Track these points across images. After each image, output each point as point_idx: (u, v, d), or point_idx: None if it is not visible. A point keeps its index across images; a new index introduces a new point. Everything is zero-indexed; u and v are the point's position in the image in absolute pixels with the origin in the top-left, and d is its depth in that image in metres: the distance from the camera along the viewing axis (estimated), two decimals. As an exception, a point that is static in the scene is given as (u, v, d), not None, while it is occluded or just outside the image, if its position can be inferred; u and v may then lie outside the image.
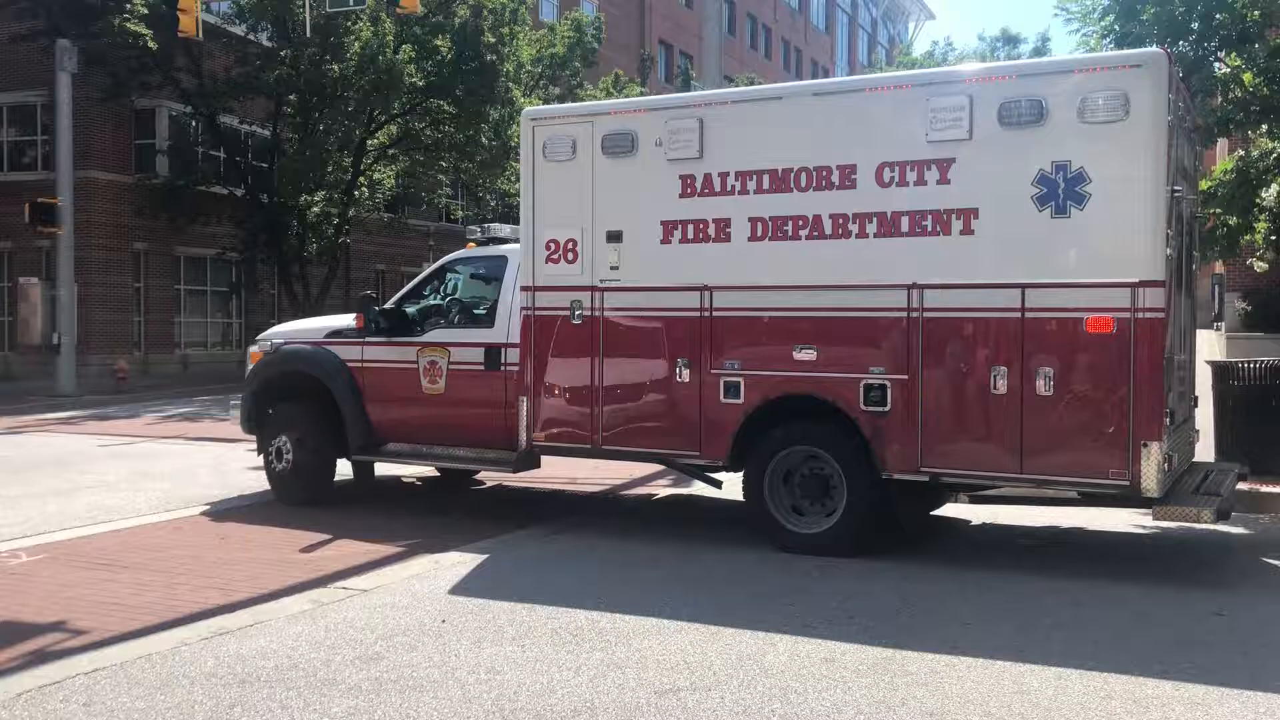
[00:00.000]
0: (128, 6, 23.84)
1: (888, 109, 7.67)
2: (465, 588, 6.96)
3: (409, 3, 17.91)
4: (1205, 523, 7.13)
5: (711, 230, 8.13)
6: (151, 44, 23.76)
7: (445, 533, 8.74)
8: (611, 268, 8.46)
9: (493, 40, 27.75)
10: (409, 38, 26.94)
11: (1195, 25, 11.17)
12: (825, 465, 7.88)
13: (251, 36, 27.13)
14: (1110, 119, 6.91)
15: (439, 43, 27.29)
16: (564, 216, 8.66)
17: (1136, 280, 6.84)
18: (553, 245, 8.68)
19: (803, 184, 7.81)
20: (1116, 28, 11.18)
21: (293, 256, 28.77)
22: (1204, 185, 12.62)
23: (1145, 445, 6.77)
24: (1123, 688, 5.07)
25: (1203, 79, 11.33)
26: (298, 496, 10.07)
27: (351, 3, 19.67)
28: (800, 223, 7.82)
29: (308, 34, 23.64)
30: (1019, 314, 7.11)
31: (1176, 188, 7.15)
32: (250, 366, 10.68)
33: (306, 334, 10.62)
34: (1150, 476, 6.78)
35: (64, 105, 23.21)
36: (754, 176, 7.98)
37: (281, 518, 9.57)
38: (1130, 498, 7.08)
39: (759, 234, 7.95)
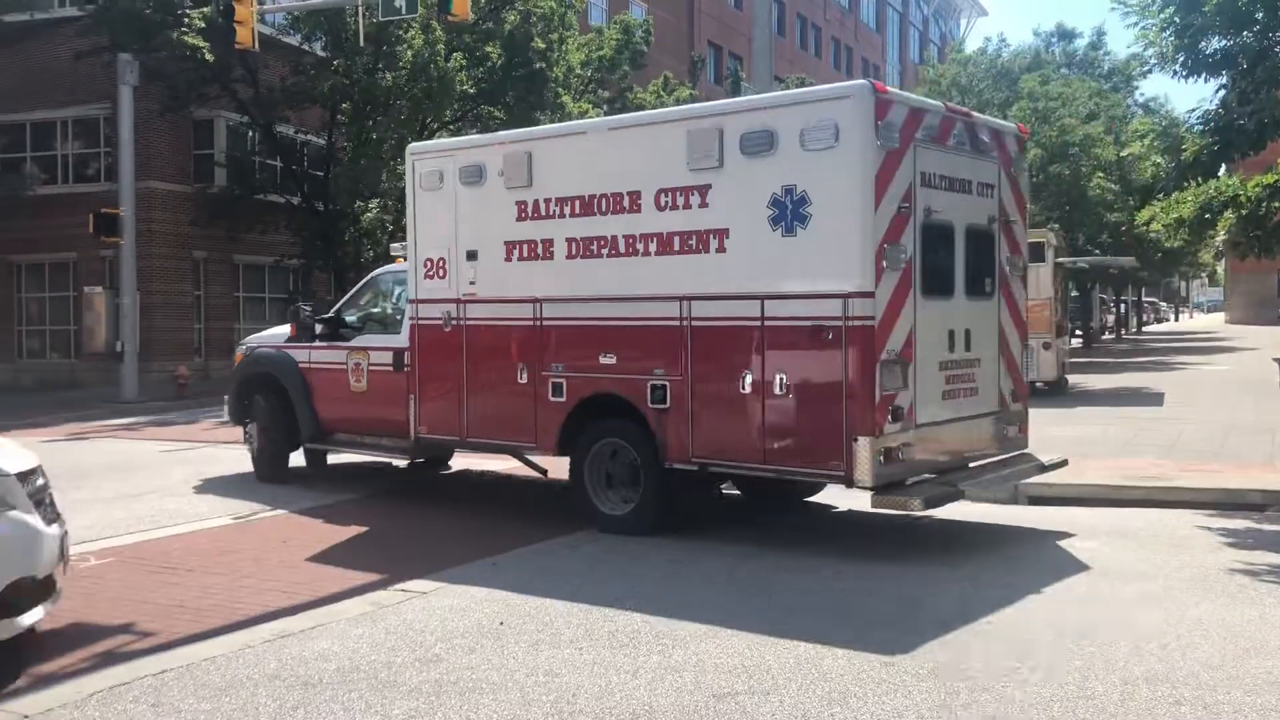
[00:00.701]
0: (186, 20, 24.29)
1: (661, 141, 8.60)
2: (522, 589, 6.99)
3: (460, 10, 18.05)
4: (915, 510, 7.72)
5: (540, 249, 9.26)
6: (209, 56, 24.18)
7: (502, 535, 8.79)
8: (470, 283, 9.69)
9: (542, 46, 27.89)
10: (459, 45, 27.16)
11: (1260, 15, 10.90)
12: (630, 455, 8.79)
13: (305, 46, 27.51)
14: (824, 147, 7.69)
15: (489, 49, 27.48)
16: (437, 238, 9.98)
17: (847, 291, 7.58)
18: (429, 263, 9.99)
19: (603, 208, 8.86)
20: (1177, 20, 10.94)
21: (349, 263, 29.08)
22: (1270, 178, 12.37)
23: (857, 440, 7.49)
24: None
25: (1268, 69, 11.06)
26: (263, 475, 11.82)
27: (404, 11, 19.83)
28: (602, 243, 8.87)
29: (361, 43, 23.90)
30: (760, 323, 8.00)
31: (904, 204, 7.78)
32: (235, 366, 12.67)
33: (274, 339, 12.36)
34: (863, 468, 7.48)
35: (125, 118, 23.70)
36: (569, 202, 9.07)
37: (342, 521, 9.69)
38: (854, 486, 7.70)
39: (574, 253, 9.03)
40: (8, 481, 5.51)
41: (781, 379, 7.85)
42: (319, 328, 11.39)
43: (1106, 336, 46.99)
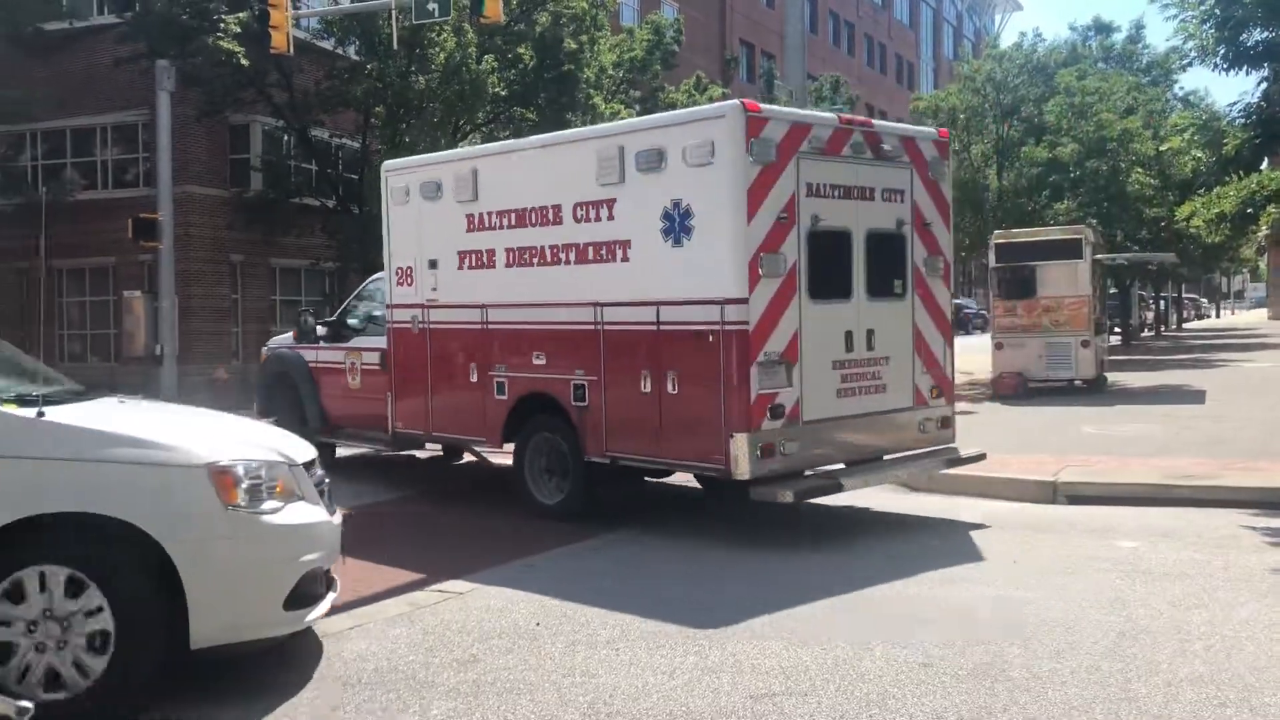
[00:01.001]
0: (222, 26, 24.53)
1: (577, 159, 9.29)
2: (558, 591, 7.00)
3: (493, 13, 18.11)
4: (786, 500, 8.14)
5: (485, 258, 10.09)
6: (245, 61, 24.39)
7: (539, 536, 8.81)
8: (432, 289, 10.59)
9: (573, 47, 27.92)
10: (491, 48, 27.25)
11: (1301, 6, 10.75)
12: (561, 450, 9.50)
13: (339, 51, 27.70)
14: (703, 163, 8.28)
15: (521, 51, 27.54)
16: (405, 248, 11.05)
17: (724, 298, 8.16)
18: (400, 271, 11.03)
19: (534, 220, 9.64)
20: (1217, 12, 10.79)
21: (384, 266, 29.29)
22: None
23: (734, 436, 8.06)
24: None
25: (1310, 61, 10.91)
26: None
27: (436, 14, 19.91)
28: (533, 252, 9.66)
29: (395, 46, 24.02)
30: (656, 327, 8.62)
31: (784, 214, 8.30)
32: (260, 365, 13.83)
33: (291, 340, 13.30)
34: (740, 463, 8.04)
35: (164, 124, 23.96)
36: (507, 215, 9.88)
37: (376, 522, 9.74)
38: (732, 478, 8.25)
39: (511, 261, 9.85)
40: (297, 471, 5.46)
41: (673, 379, 8.50)
42: (322, 330, 12.39)
43: (1146, 334, 46.41)
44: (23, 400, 5.11)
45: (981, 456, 9.93)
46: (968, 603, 6.55)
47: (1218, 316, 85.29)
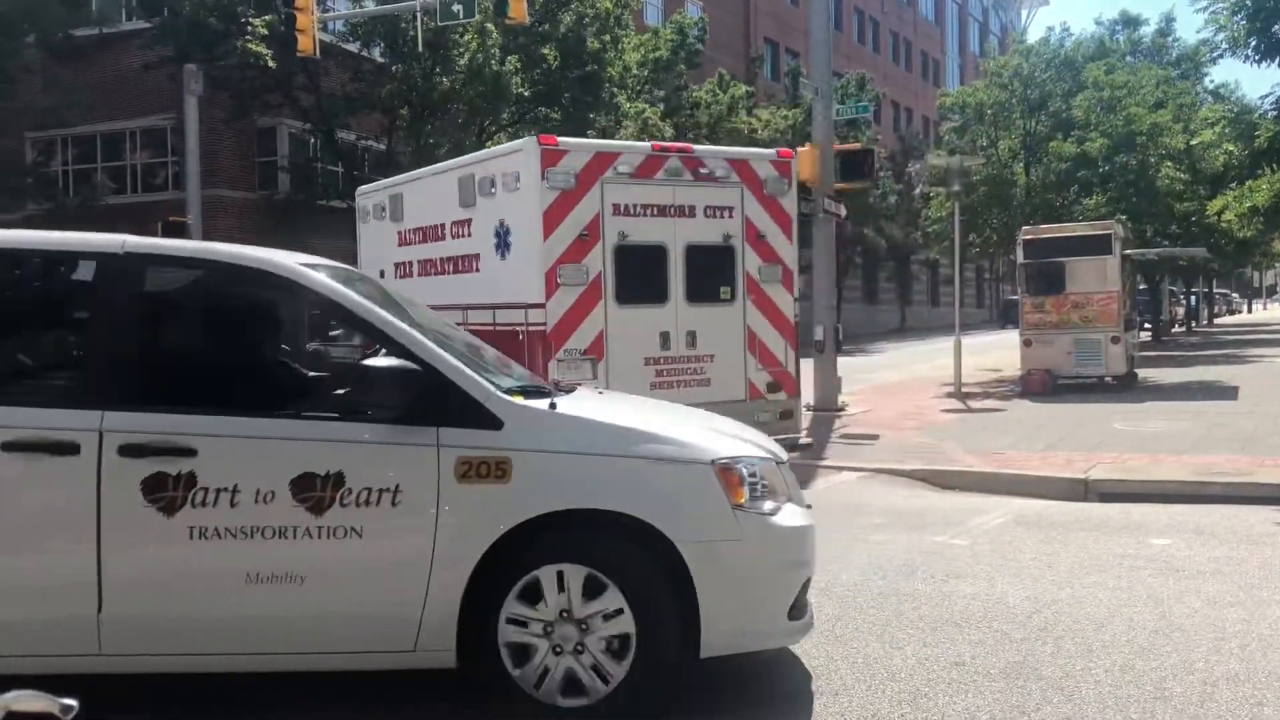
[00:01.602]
0: (249, 30, 24.72)
1: (450, 185, 11.02)
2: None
3: (517, 13, 18.14)
4: None
5: (408, 269, 12.03)
6: (271, 64, 24.58)
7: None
8: None
9: (597, 47, 27.95)
10: (515, 48, 27.32)
11: (1333, -3, 10.62)
12: None
13: (365, 53, 27.86)
14: (515, 190, 9.93)
15: (545, 51, 27.60)
16: (368, 260, 12.85)
17: (527, 303, 9.80)
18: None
19: (431, 237, 11.46)
20: (1249, 3, 10.70)
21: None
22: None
23: None
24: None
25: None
26: None
27: (461, 16, 19.98)
28: (431, 263, 11.55)
29: (419, 48, 24.13)
30: (493, 326, 9.98)
31: (585, 232, 9.85)
32: None
33: None
34: None
35: (191, 127, 24.19)
36: (418, 232, 11.80)
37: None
38: None
39: (422, 271, 11.80)
40: (784, 469, 5.09)
41: None
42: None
43: (1176, 329, 45.97)
44: (525, 391, 4.89)
45: (802, 445, 11.88)
46: (998, 601, 6.49)
47: (1250, 312, 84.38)
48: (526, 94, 27.65)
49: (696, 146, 11.21)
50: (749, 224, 10.74)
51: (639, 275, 10.16)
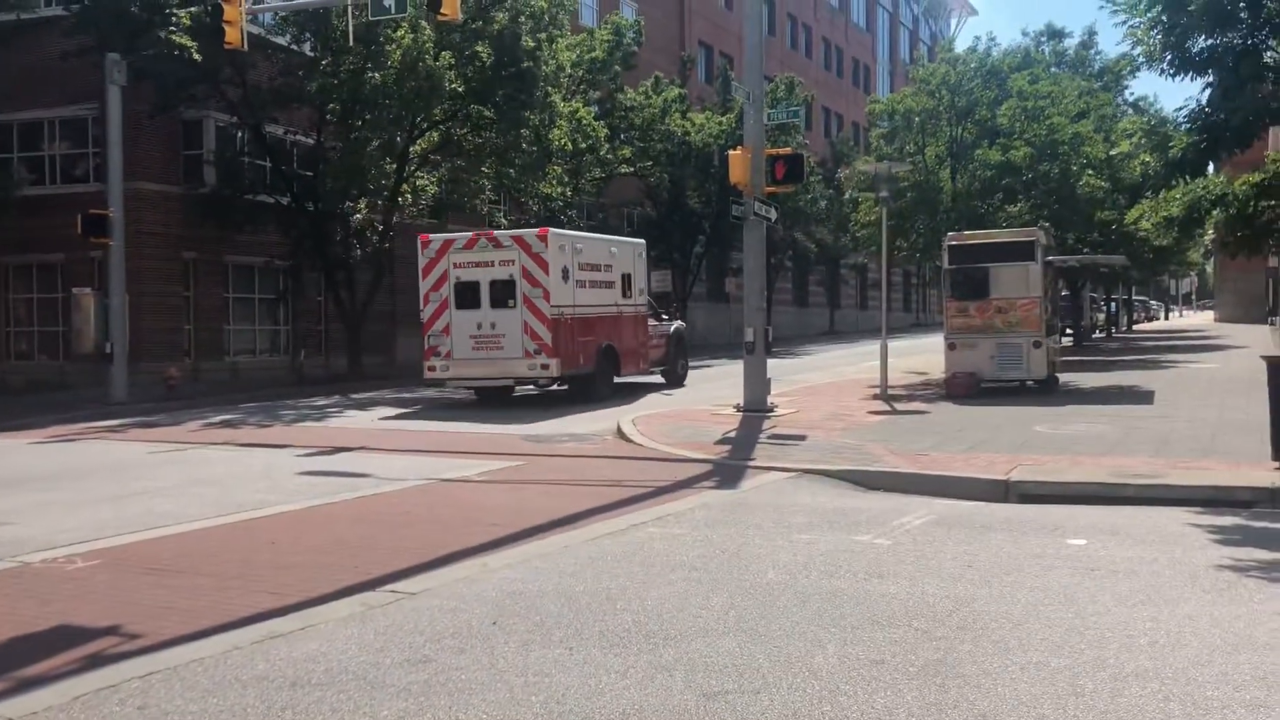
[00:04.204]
0: (174, 20, 24.20)
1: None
2: (513, 590, 6.98)
3: (449, 9, 17.97)
4: (434, 380, 21.30)
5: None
6: (197, 56, 24.08)
7: (491, 535, 8.78)
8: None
9: (531, 45, 27.85)
10: (448, 45, 27.12)
11: (1244, 14, 10.96)
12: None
13: (294, 46, 27.44)
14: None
15: (478, 48, 27.44)
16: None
17: (421, 309, 20.77)
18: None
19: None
20: (1164, 19, 10.99)
21: (338, 263, 29.05)
22: (1257, 177, 12.41)
23: (426, 362, 21.00)
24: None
25: (1252, 68, 11.10)
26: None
27: (393, 11, 19.77)
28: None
29: (350, 43, 23.83)
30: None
31: (441, 275, 20.18)
32: None
33: None
34: (425, 373, 21.16)
35: (114, 118, 23.62)
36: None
37: (329, 521, 9.67)
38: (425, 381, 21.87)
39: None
40: None
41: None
42: None
43: (1097, 335, 47.10)
44: None
45: (552, 380, 20.68)
46: (919, 600, 6.60)
47: (1167, 319, 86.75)
48: (460, 90, 27.44)
49: (496, 231, 22.31)
50: (523, 268, 19.91)
51: (467, 295, 20.24)
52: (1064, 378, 21.95)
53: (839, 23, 71.71)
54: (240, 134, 29.23)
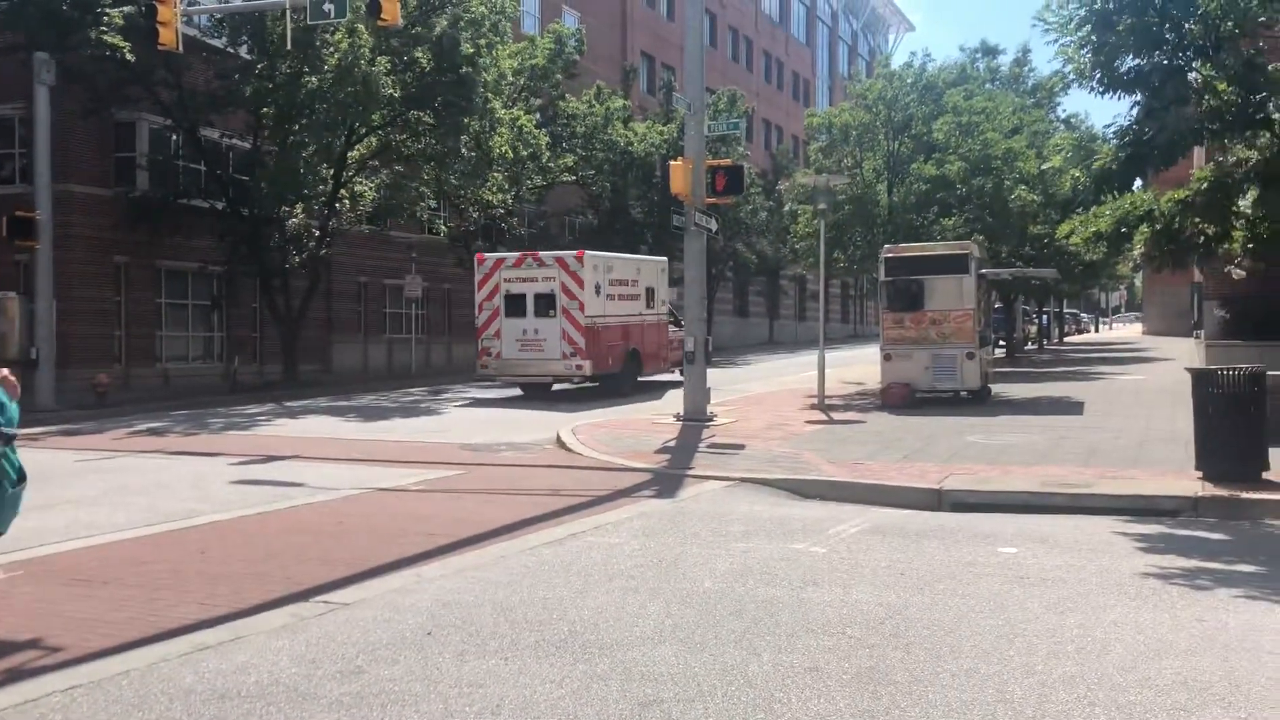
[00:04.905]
0: (106, 19, 23.71)
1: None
2: (448, 600, 6.93)
3: (390, 14, 17.85)
4: (487, 372, 25.14)
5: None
6: (130, 56, 23.62)
7: (426, 546, 8.70)
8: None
9: (470, 52, 27.74)
10: (387, 50, 26.92)
11: (1169, 36, 11.26)
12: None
13: (231, 49, 27.05)
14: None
15: (418, 54, 27.27)
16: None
17: (477, 317, 24.92)
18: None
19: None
20: (1093, 38, 11.25)
21: (274, 269, 28.64)
22: (1182, 193, 12.75)
23: (479, 359, 24.79)
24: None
25: (1177, 88, 11.41)
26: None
27: (332, 15, 19.58)
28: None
29: (288, 46, 23.55)
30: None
31: (494, 289, 24.15)
32: None
33: None
34: (479, 369, 25.37)
35: (42, 118, 23.07)
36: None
37: (264, 533, 9.52)
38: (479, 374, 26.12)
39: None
40: None
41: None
42: None
43: (1029, 347, 47.97)
44: None
45: (587, 379, 24.09)
46: (854, 608, 6.67)
47: (1097, 331, 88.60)
48: (397, 95, 27.23)
49: (541, 252, 24.98)
50: (562, 283, 23.46)
51: (515, 305, 23.78)
52: (996, 389, 22.34)
53: (779, 36, 72.39)
54: (175, 137, 28.72)
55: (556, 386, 25.15)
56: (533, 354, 23.60)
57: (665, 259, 29.32)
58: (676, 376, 26.73)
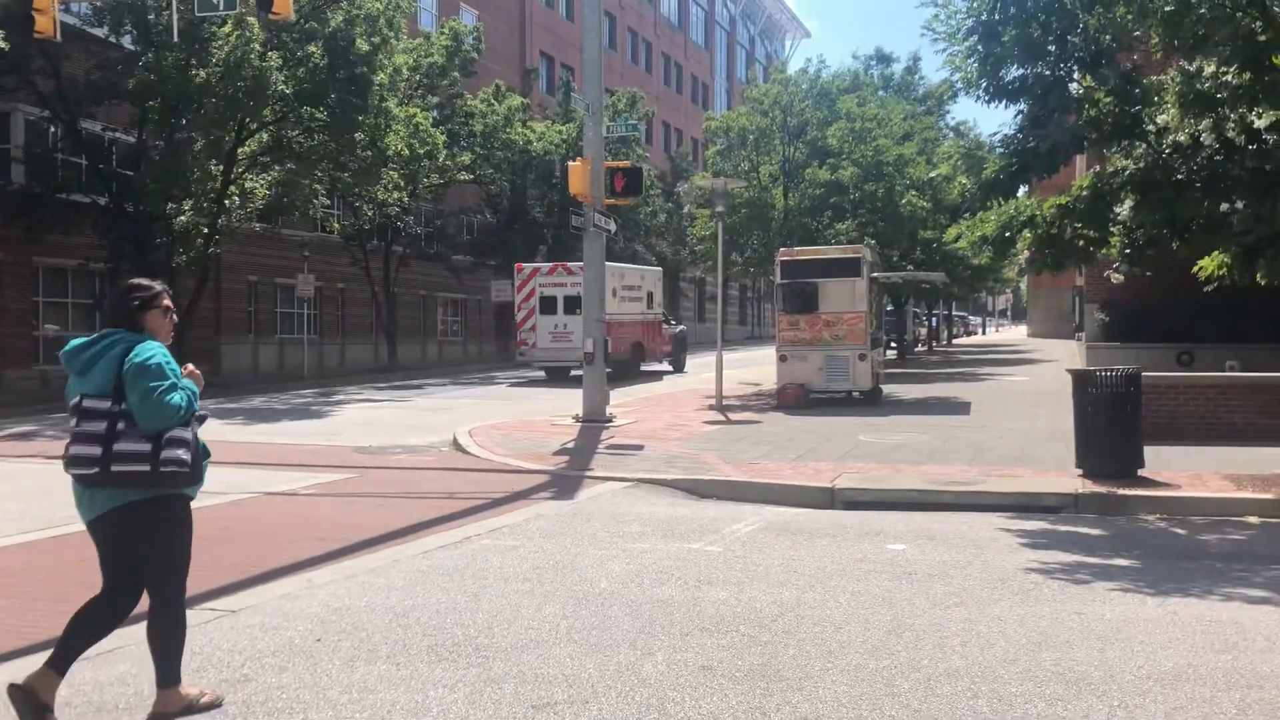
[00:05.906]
0: (-22, 5, 22.70)
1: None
2: (339, 605, 6.80)
3: (282, 8, 17.44)
4: (528, 355, 30.49)
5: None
6: (3, 44, 22.66)
7: (317, 550, 8.53)
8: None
9: (366, 49, 27.30)
10: (279, 44, 26.32)
11: (1052, 48, 11.63)
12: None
13: (113, 39, 26.15)
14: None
15: (311, 50, 26.73)
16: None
17: (516, 312, 31.35)
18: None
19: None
20: (980, 49, 11.56)
21: (160, 268, 27.70)
22: (1063, 200, 13.18)
23: (519, 347, 31.42)
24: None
25: (1059, 98, 11.80)
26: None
27: (221, 7, 19.06)
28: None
29: (175, 38, 22.85)
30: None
31: (531, 292, 30.25)
32: None
33: None
34: (520, 354, 31.80)
35: (-92, 107, 21.98)
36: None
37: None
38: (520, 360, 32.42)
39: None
40: None
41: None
42: None
43: (919, 348, 49.17)
44: None
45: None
46: (747, 606, 6.74)
47: (984, 333, 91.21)
48: (290, 91, 26.64)
49: (570, 263, 29.05)
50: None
51: (549, 305, 29.45)
52: (888, 389, 22.83)
53: (678, 40, 72.87)
54: (53, 129, 27.64)
55: (574, 373, 27.76)
56: (562, 344, 28.70)
57: (660, 269, 36.34)
58: (665, 366, 34.20)
